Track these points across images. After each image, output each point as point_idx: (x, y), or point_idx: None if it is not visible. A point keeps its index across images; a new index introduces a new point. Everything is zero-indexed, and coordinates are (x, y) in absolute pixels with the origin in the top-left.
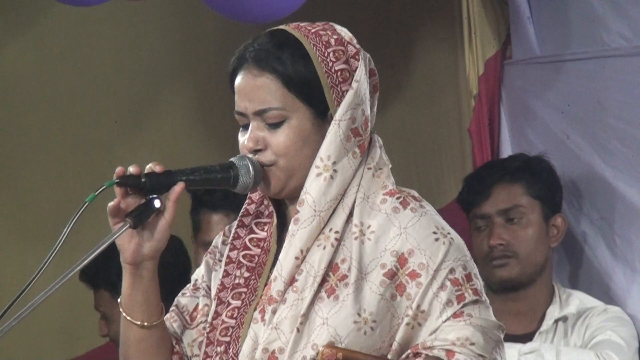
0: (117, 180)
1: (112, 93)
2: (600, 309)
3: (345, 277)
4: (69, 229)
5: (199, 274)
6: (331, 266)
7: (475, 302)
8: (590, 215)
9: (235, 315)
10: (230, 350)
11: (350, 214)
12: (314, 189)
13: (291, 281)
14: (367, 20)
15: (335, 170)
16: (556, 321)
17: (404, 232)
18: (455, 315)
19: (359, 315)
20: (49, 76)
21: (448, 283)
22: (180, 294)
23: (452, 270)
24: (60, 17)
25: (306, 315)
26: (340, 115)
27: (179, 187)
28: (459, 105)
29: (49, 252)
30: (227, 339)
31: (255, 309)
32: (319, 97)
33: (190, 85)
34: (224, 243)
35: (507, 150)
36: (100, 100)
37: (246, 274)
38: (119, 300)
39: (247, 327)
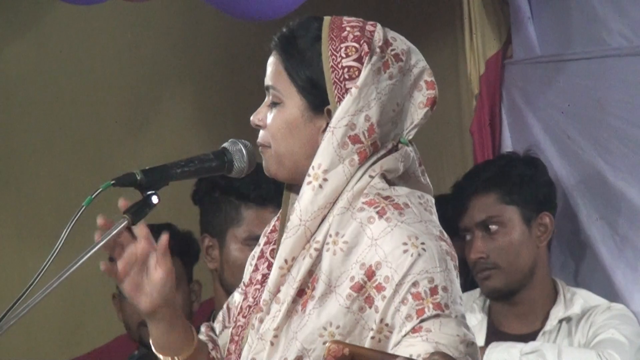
0: (113, 182)
1: (112, 93)
2: (604, 307)
3: (314, 289)
4: (67, 232)
5: (249, 268)
6: (310, 277)
7: (436, 316)
8: (590, 215)
9: (245, 314)
10: (237, 350)
11: None
12: (303, 198)
13: (276, 291)
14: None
15: (325, 179)
16: (560, 321)
17: (374, 243)
18: (414, 330)
19: (325, 329)
20: (49, 76)
21: (409, 297)
22: (236, 289)
23: (415, 284)
24: (61, 17)
25: (280, 328)
26: (335, 122)
27: (165, 239)
28: (459, 105)
29: (49, 252)
30: (237, 338)
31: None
32: (316, 91)
33: (191, 84)
34: (264, 234)
35: (507, 150)
36: (101, 100)
37: (265, 271)
38: (150, 340)
39: (248, 331)
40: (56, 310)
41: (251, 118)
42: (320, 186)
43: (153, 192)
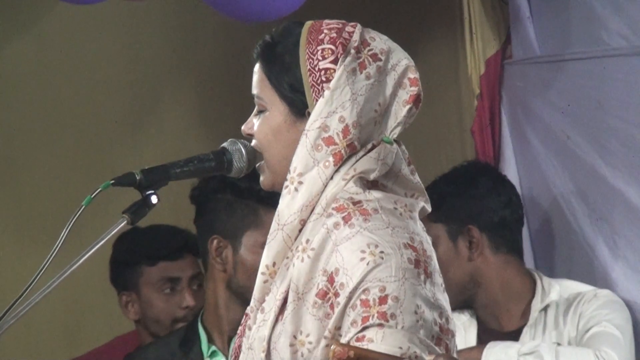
0: (113, 181)
1: (112, 93)
2: (590, 295)
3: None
4: (67, 231)
5: None
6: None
7: (379, 325)
8: (590, 215)
9: (243, 323)
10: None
11: None
12: (281, 202)
13: (262, 300)
14: (367, 21)
15: (300, 182)
16: (541, 312)
17: (335, 249)
18: (357, 339)
19: (295, 337)
20: (49, 76)
21: (358, 303)
22: None
23: (365, 291)
24: (61, 16)
25: (266, 339)
26: (309, 125)
27: None
28: (459, 105)
29: (49, 252)
30: (236, 345)
31: None
32: (297, 95)
33: (191, 84)
34: None
35: (508, 150)
36: (101, 100)
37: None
38: None
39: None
40: (56, 310)
41: (242, 128)
42: (296, 189)
43: (152, 192)
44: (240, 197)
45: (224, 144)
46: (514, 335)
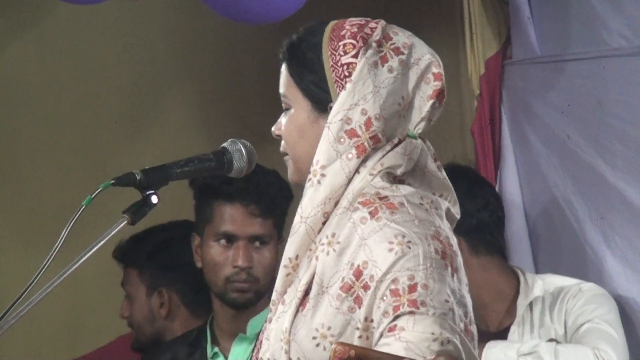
0: (113, 181)
1: (113, 93)
2: (575, 290)
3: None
4: (67, 231)
5: None
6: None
7: (410, 313)
8: (590, 215)
9: (268, 318)
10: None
11: None
12: (305, 196)
13: (283, 292)
14: None
15: (323, 175)
16: (526, 308)
17: (364, 243)
18: (389, 329)
19: (317, 330)
20: (50, 76)
21: (388, 293)
22: None
23: (394, 281)
24: (62, 16)
25: (287, 331)
26: (332, 117)
27: None
28: (460, 105)
29: (49, 252)
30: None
31: None
32: (320, 91)
33: (191, 84)
34: None
35: (508, 150)
36: (102, 100)
37: None
38: None
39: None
40: (57, 310)
41: (272, 129)
42: (319, 182)
43: (152, 191)
44: (202, 193)
45: (224, 144)
46: (502, 335)
